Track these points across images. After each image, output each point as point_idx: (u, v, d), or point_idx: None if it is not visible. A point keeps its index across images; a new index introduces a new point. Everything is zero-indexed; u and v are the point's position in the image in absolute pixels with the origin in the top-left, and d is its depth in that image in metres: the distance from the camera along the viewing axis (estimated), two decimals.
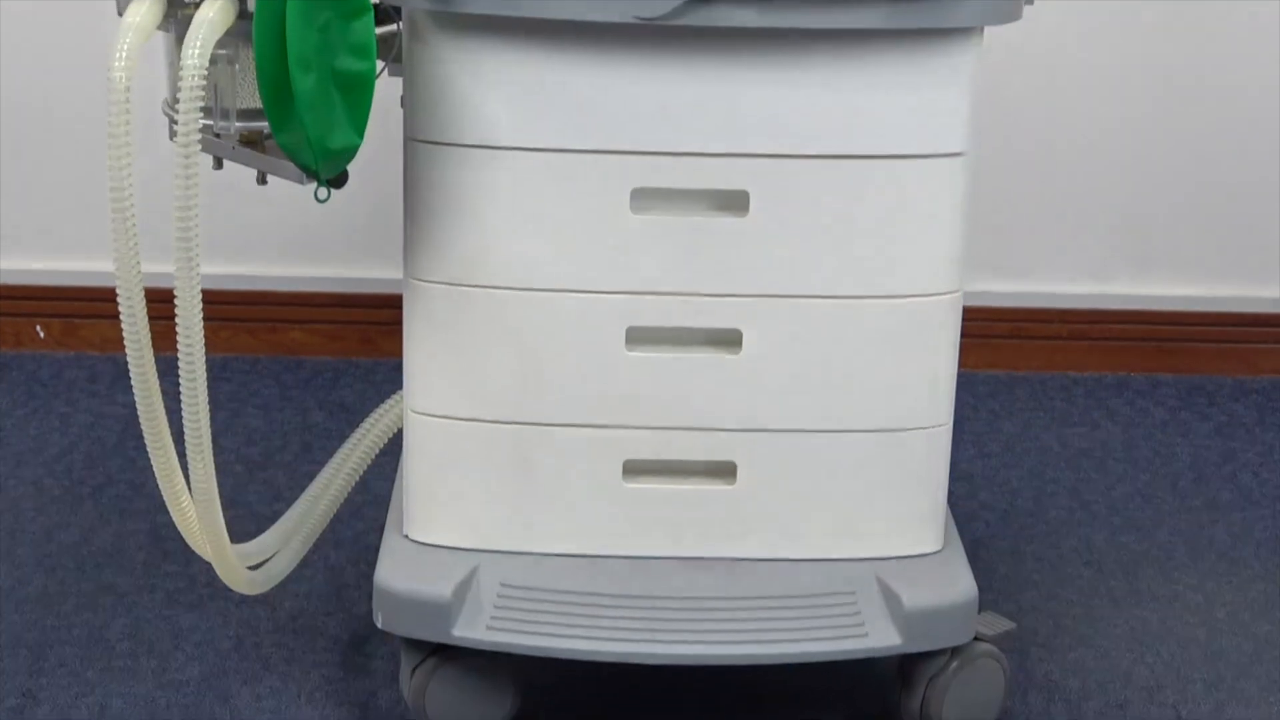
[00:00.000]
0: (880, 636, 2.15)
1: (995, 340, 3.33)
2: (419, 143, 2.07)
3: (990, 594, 2.57)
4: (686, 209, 2.08)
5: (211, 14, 1.94)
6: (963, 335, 2.18)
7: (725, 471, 2.17)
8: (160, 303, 2.03)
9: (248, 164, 2.12)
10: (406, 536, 2.23)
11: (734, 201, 2.07)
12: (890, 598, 2.16)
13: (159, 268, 2.07)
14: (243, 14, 1.97)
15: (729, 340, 2.12)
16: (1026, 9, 2.06)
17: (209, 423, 2.06)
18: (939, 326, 2.15)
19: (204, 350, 2.01)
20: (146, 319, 2.00)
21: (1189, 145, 3.26)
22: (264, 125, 2.06)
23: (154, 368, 2.03)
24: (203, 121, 1.95)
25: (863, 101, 2.03)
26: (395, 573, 2.18)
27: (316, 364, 3.35)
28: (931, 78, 2.04)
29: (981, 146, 2.15)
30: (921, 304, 2.12)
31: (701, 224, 2.08)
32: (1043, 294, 3.35)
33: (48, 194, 3.29)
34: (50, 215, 3.30)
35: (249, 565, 2.29)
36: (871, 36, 2.00)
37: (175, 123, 1.92)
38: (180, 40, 1.94)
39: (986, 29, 2.05)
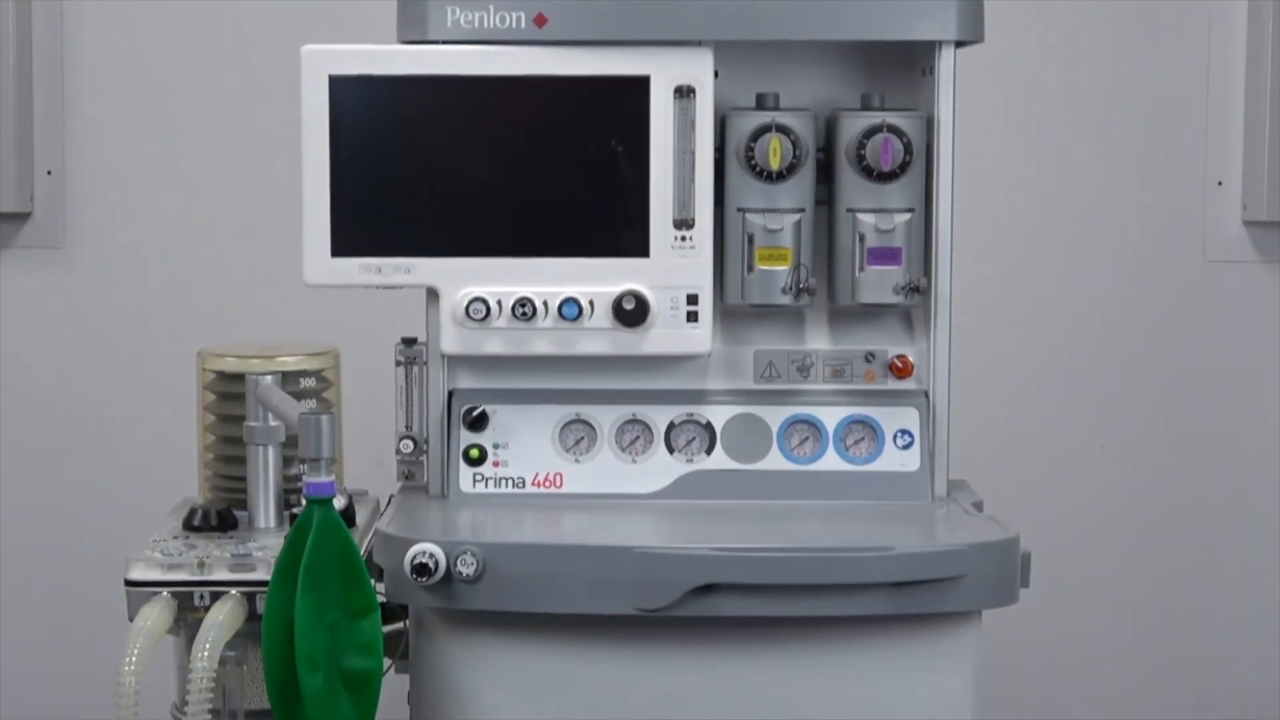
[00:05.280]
0: None
1: None
2: None
3: None
4: None
5: (221, 616, 1.97)
6: None
7: None
8: None
9: None
10: None
11: None
12: None
13: None
14: (252, 615, 2.00)
15: None
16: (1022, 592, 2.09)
17: None
18: None
19: None
20: None
21: (1191, 661, 3.26)
22: None
23: None
24: None
25: (867, 685, 2.04)
26: None
27: None
28: (934, 660, 2.05)
29: None
30: None
31: None
32: None
33: None
34: None
35: None
36: (874, 622, 2.03)
37: None
38: (190, 642, 1.97)
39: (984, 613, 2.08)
